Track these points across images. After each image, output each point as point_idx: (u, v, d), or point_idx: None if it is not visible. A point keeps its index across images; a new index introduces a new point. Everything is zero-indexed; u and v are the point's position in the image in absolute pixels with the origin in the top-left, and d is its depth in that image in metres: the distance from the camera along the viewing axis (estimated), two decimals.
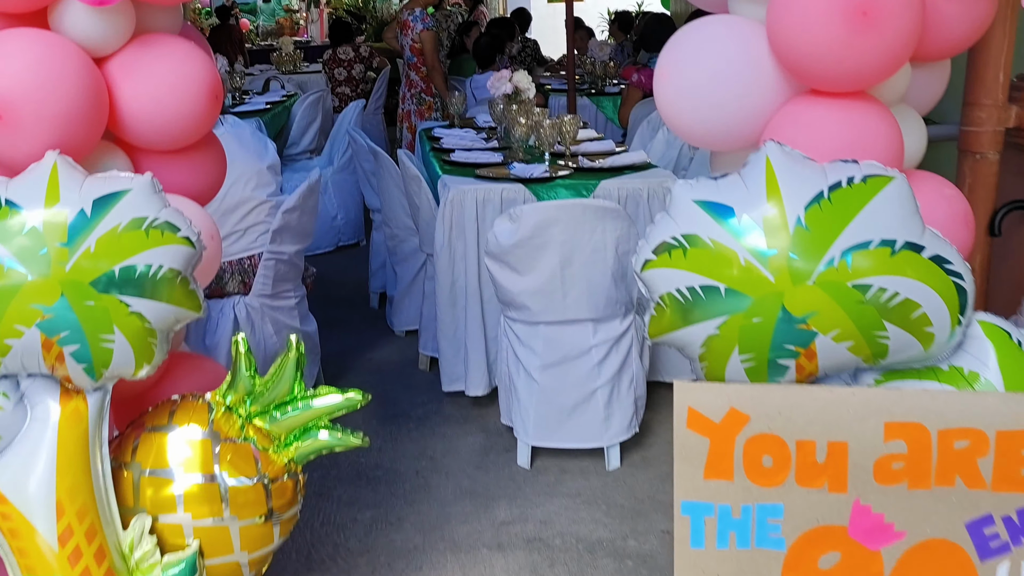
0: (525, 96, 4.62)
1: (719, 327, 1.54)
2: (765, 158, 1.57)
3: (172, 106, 1.85)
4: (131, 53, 1.84)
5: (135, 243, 1.62)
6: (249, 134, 3.63)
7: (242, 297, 3.54)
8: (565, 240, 3.08)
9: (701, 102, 1.80)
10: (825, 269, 1.50)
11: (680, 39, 1.86)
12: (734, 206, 1.54)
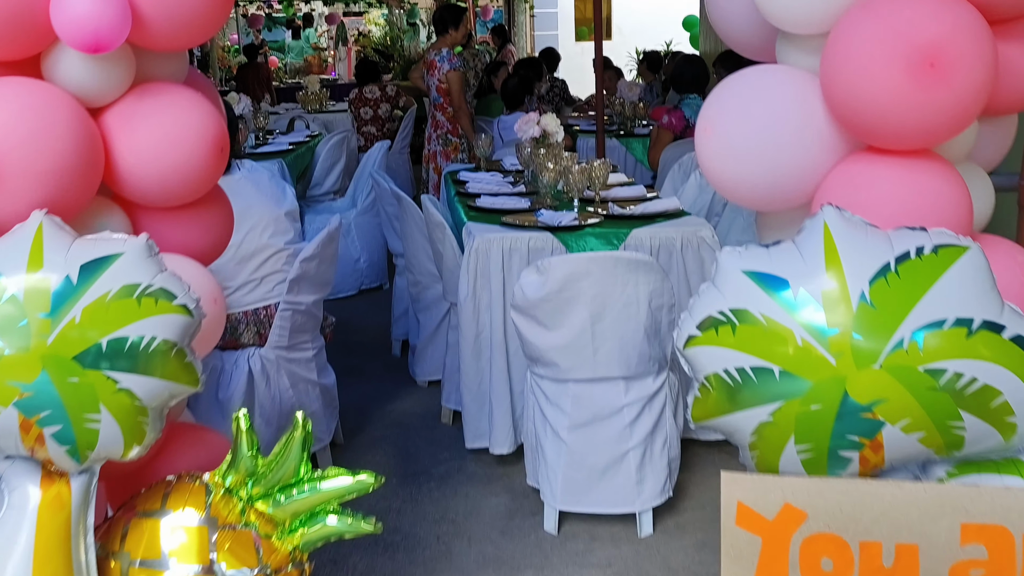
0: (553, 139, 4.49)
1: (773, 414, 1.37)
2: (823, 224, 1.40)
3: (173, 160, 1.71)
4: (129, 103, 1.71)
5: (125, 313, 1.48)
6: (267, 179, 3.51)
7: (257, 349, 3.40)
8: (596, 294, 2.92)
9: (748, 159, 1.64)
10: (893, 351, 1.33)
11: (724, 90, 1.70)
12: (789, 278, 1.38)
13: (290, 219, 3.50)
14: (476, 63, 10.02)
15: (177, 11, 1.65)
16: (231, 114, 3.54)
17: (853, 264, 1.36)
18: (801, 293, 1.36)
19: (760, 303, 1.37)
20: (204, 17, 1.69)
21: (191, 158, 1.73)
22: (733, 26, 1.82)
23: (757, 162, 1.62)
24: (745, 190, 1.69)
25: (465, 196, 4.26)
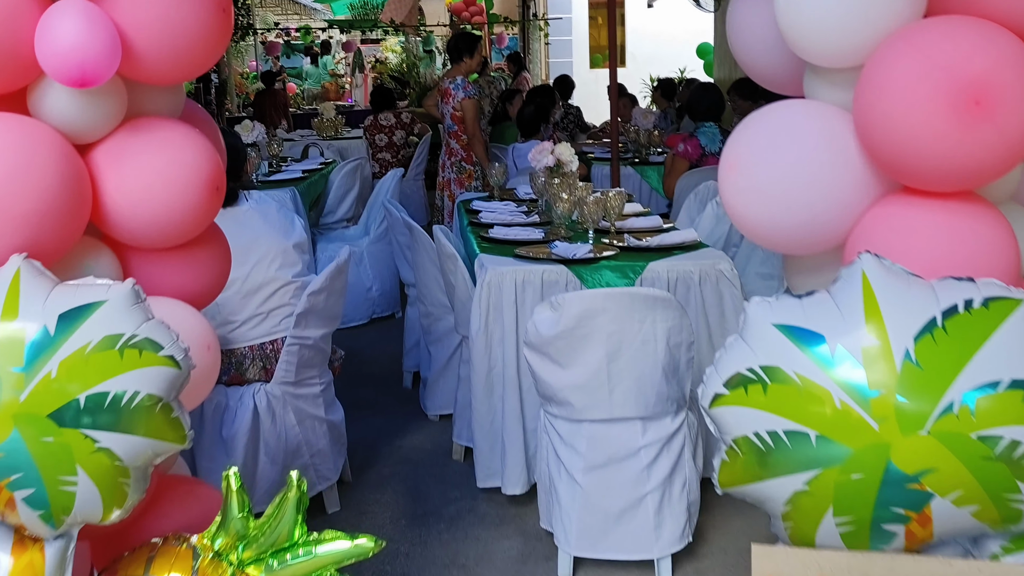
0: (567, 169, 4.37)
1: (809, 482, 1.23)
2: (861, 274, 1.27)
3: (165, 200, 1.60)
4: (119, 140, 1.60)
5: (107, 366, 1.36)
6: (275, 211, 3.40)
7: (263, 385, 3.28)
8: (612, 331, 2.79)
9: (775, 200, 1.51)
10: (943, 416, 1.19)
11: (750, 126, 1.58)
12: (825, 333, 1.25)
13: (298, 251, 3.39)
14: (491, 90, 9.95)
15: (171, 43, 1.55)
16: (239, 144, 3.44)
17: (896, 318, 1.23)
18: (839, 350, 1.23)
19: (794, 360, 1.24)
20: (199, 49, 1.59)
21: (184, 198, 1.61)
22: (757, 58, 1.70)
23: (785, 203, 1.50)
24: (772, 232, 1.56)
25: (478, 226, 4.15)
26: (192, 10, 1.55)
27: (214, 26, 1.58)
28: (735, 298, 3.33)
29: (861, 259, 1.28)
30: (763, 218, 1.53)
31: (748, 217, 1.55)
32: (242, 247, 3.28)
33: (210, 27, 1.57)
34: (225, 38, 1.62)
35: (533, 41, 15.58)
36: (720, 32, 9.84)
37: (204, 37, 1.57)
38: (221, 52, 1.63)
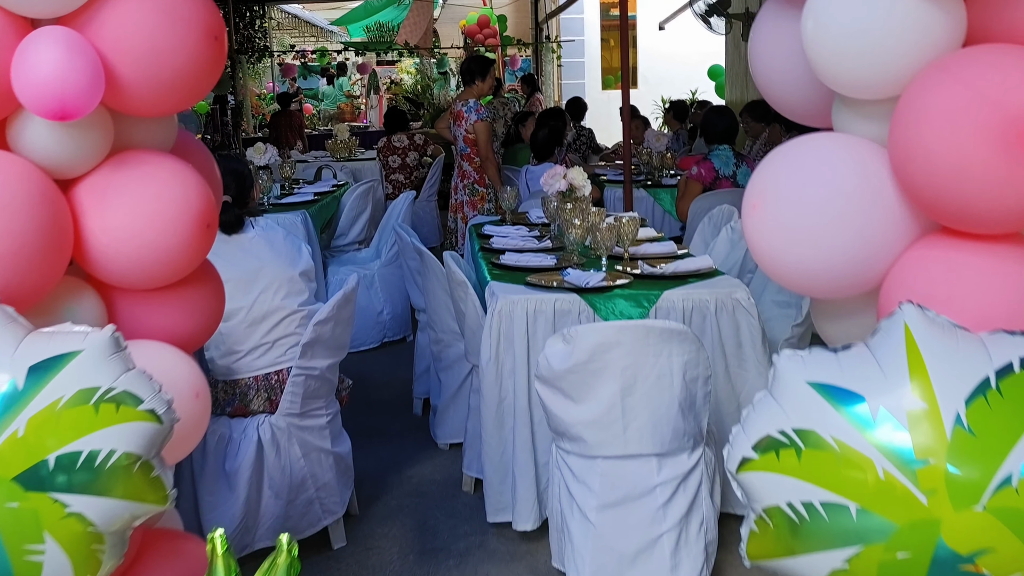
0: (580, 193, 4.24)
1: (849, 560, 1.09)
2: (903, 327, 1.13)
3: (152, 238, 1.48)
4: (104, 175, 1.48)
5: (80, 422, 1.23)
6: (281, 238, 3.28)
7: (267, 416, 3.15)
8: (626, 365, 2.65)
9: (803, 241, 1.38)
10: (1000, 489, 1.05)
11: (775, 161, 1.44)
12: (865, 393, 1.11)
13: (305, 279, 3.27)
14: (506, 111, 9.85)
15: (159, 73, 1.43)
16: (245, 170, 3.33)
17: (944, 378, 1.09)
18: (881, 413, 1.09)
19: (830, 423, 1.11)
20: (190, 79, 1.47)
21: (173, 236, 1.49)
22: (780, 88, 1.57)
23: (815, 244, 1.36)
24: (800, 275, 1.42)
25: (489, 252, 4.02)
26: (182, 38, 1.43)
27: (206, 55, 1.46)
28: (752, 328, 3.19)
29: (902, 310, 1.14)
30: (790, 260, 1.39)
31: (774, 259, 1.41)
32: (247, 275, 3.17)
33: (201, 56, 1.45)
34: (218, 68, 1.50)
35: (546, 63, 15.50)
36: (732, 54, 9.73)
37: (195, 67, 1.46)
38: (214, 82, 1.51)
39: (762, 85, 1.58)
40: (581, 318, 3.20)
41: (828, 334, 1.55)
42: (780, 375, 1.16)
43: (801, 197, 1.36)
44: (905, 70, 1.30)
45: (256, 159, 6.05)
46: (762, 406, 1.17)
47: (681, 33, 14.81)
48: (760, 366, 3.21)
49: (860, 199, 1.34)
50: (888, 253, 1.34)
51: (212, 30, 1.46)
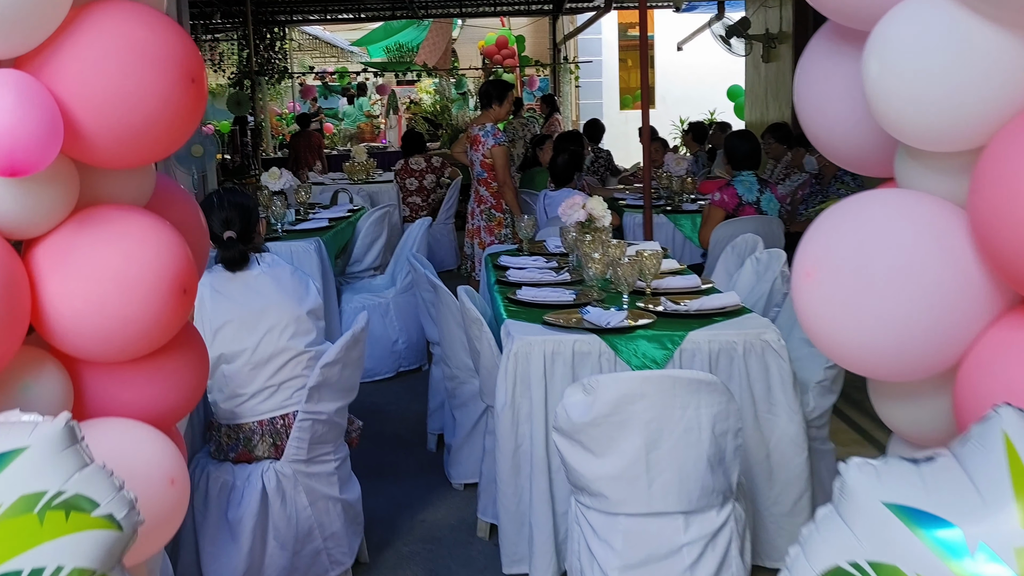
0: (600, 224, 4.04)
1: None
2: (1002, 438, 0.92)
3: (120, 307, 1.28)
4: (66, 235, 1.28)
5: (21, 535, 1.03)
6: (288, 275, 3.08)
7: (272, 463, 2.95)
8: (651, 418, 2.43)
9: (865, 316, 1.16)
10: None
11: (831, 222, 1.23)
12: (957, 521, 0.89)
13: (313, 318, 3.07)
14: (526, 132, 9.68)
15: (128, 121, 1.24)
16: (251, 203, 3.14)
17: None
18: (980, 548, 0.87)
19: (915, 557, 0.89)
20: (163, 126, 1.27)
21: (144, 303, 1.29)
22: (832, 133, 1.36)
23: (880, 320, 1.15)
24: (861, 354, 1.20)
25: (505, 285, 3.81)
26: (154, 82, 1.24)
27: (182, 100, 1.27)
28: (783, 371, 2.97)
29: (1000, 415, 0.93)
30: (850, 338, 1.18)
31: (831, 335, 1.20)
32: (252, 315, 2.98)
33: (177, 101, 1.26)
34: (196, 113, 1.30)
35: (564, 83, 15.34)
36: (751, 75, 9.53)
37: (169, 113, 1.26)
38: (192, 128, 1.32)
39: (809, 129, 1.37)
40: (601, 360, 2.99)
41: (891, 419, 1.33)
42: (849, 490, 0.95)
43: (864, 265, 1.15)
44: (990, 119, 1.09)
45: (271, 184, 5.88)
46: (828, 527, 0.95)
47: (699, 53, 14.62)
48: (791, 412, 2.98)
49: (934, 268, 1.12)
50: (967, 332, 1.13)
51: (189, 71, 1.26)
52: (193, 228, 1.47)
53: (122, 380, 1.37)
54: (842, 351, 1.21)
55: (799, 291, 1.22)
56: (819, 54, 1.33)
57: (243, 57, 13.59)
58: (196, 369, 1.47)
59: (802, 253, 1.22)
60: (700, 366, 2.97)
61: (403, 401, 5.00)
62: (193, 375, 1.46)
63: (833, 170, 5.67)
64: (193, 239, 1.46)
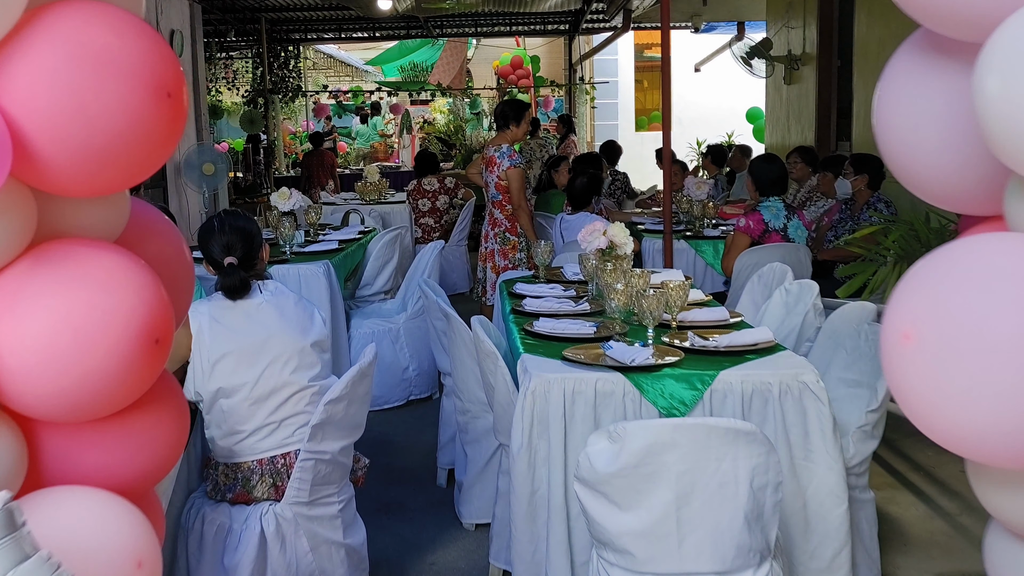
0: (621, 251, 3.83)
1: None
2: None
3: (79, 361, 1.08)
4: (17, 276, 1.08)
5: None
6: (292, 304, 2.88)
7: (272, 504, 2.75)
8: (683, 470, 2.21)
9: (983, 390, 0.95)
10: None
11: (936, 273, 1.01)
12: None
13: (317, 350, 2.87)
14: (543, 153, 9.49)
15: (89, 140, 1.04)
16: (254, 228, 2.95)
17: None
18: None
19: None
20: (133, 147, 1.07)
21: (107, 358, 1.09)
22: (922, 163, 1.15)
23: (999, 395, 0.93)
24: (974, 435, 0.99)
25: (521, 315, 3.60)
26: (121, 95, 1.04)
27: (154, 116, 1.07)
28: (822, 415, 2.74)
29: None
30: (961, 415, 0.97)
31: (935, 412, 0.99)
32: (253, 347, 2.77)
33: (148, 118, 1.06)
34: (173, 131, 1.11)
35: (579, 104, 15.18)
36: (772, 97, 9.33)
37: (139, 131, 1.06)
38: (169, 149, 1.12)
39: (892, 156, 1.17)
40: (626, 400, 2.77)
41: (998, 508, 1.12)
42: None
43: (980, 326, 0.94)
44: None
45: (280, 204, 5.70)
46: None
47: (715, 75, 14.45)
48: (830, 459, 2.75)
49: None
50: None
51: (163, 84, 1.06)
52: (175, 265, 1.26)
53: (85, 443, 1.16)
54: (950, 430, 0.99)
55: (894, 356, 1.01)
56: (907, 69, 1.13)
57: (257, 75, 13.48)
58: (173, 427, 1.26)
59: (898, 310, 1.01)
60: (732, 409, 2.75)
61: (413, 432, 4.79)
62: (170, 434, 1.25)
63: (866, 196, 5.45)
64: (174, 277, 1.25)
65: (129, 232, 1.22)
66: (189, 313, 2.75)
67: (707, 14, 11.05)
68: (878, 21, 6.81)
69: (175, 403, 1.26)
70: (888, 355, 1.02)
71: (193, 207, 9.37)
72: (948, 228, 4.63)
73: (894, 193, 5.69)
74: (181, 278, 1.27)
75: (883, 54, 6.74)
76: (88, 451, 1.16)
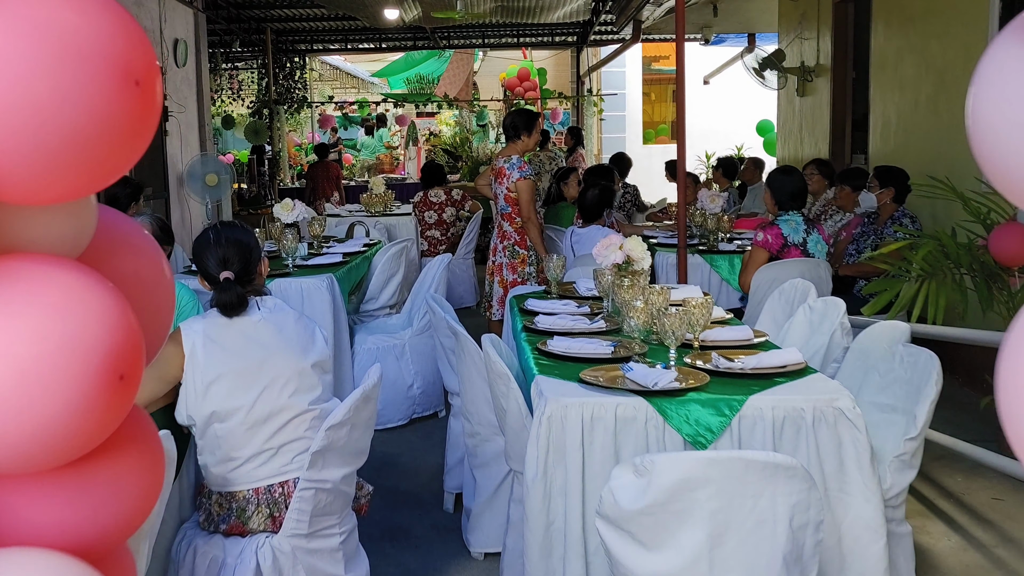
0: (638, 266, 3.64)
1: None
2: None
3: (25, 400, 0.89)
4: None
5: None
6: (292, 322, 2.70)
7: (269, 536, 2.56)
8: (717, 508, 2.02)
9: None
10: None
11: None
12: None
13: (318, 371, 2.69)
14: (552, 166, 9.32)
15: (40, 136, 0.86)
16: (251, 240, 2.76)
17: None
18: None
19: None
20: (95, 145, 0.89)
21: (61, 397, 0.90)
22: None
23: None
24: None
25: (533, 333, 3.42)
26: (79, 83, 0.86)
27: (119, 109, 0.89)
28: (858, 444, 2.55)
29: None
30: None
31: None
32: (250, 367, 2.59)
33: (111, 111, 0.88)
34: (144, 126, 0.93)
35: (587, 116, 15.02)
36: (784, 109, 9.15)
37: (102, 126, 0.88)
38: (139, 146, 0.94)
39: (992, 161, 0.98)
40: (648, 427, 2.58)
41: None
42: None
43: None
44: None
45: (283, 216, 5.53)
46: None
47: (724, 87, 14.29)
48: (867, 491, 2.56)
49: None
50: None
51: (131, 71, 0.88)
52: (151, 286, 1.08)
53: (37, 496, 0.98)
54: None
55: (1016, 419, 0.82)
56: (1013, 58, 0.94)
57: (262, 86, 13.35)
58: (145, 475, 1.07)
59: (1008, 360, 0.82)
60: (762, 437, 2.56)
61: (418, 452, 4.59)
62: (141, 483, 1.06)
63: (891, 210, 5.27)
64: (150, 300, 1.07)
65: (96, 247, 1.04)
66: (182, 331, 2.57)
67: (717, 25, 10.89)
68: (896, 31, 6.64)
69: (147, 446, 1.08)
70: (1014, 418, 0.82)
71: (196, 218, 9.21)
72: (975, 243, 4.44)
73: (916, 207, 5.51)
74: (158, 302, 1.09)
75: (902, 65, 6.55)
76: (41, 506, 0.98)
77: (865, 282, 5.19)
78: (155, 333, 1.10)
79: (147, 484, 1.07)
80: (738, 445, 2.56)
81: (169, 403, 2.60)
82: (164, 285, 1.11)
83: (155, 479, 1.09)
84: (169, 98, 8.58)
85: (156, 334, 1.10)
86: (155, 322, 1.09)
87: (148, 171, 8.10)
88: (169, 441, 2.17)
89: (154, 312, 1.08)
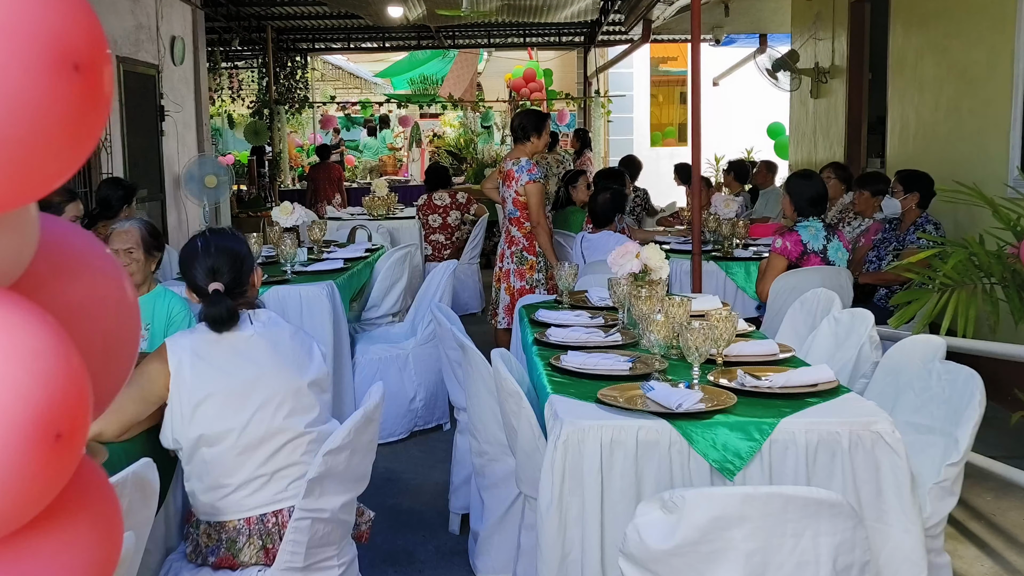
0: (656, 276, 3.46)
1: None
2: None
3: None
4: None
5: None
6: (287, 337, 2.52)
7: (261, 570, 2.38)
8: (754, 549, 1.84)
9: None
10: None
11: None
12: None
13: (316, 391, 2.51)
14: (560, 169, 9.13)
15: None
16: (243, 249, 2.58)
17: None
18: None
19: None
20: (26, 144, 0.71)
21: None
22: None
23: None
24: None
25: (546, 347, 3.23)
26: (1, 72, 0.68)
27: (54, 99, 0.71)
28: (897, 470, 2.36)
29: None
30: None
31: None
32: (241, 387, 2.40)
33: (46, 101, 0.70)
34: (86, 118, 0.75)
35: (595, 118, 14.84)
36: (797, 111, 8.97)
37: (34, 119, 0.70)
38: (82, 143, 0.76)
39: None
40: (672, 452, 2.40)
41: None
42: None
43: None
44: None
45: (282, 220, 5.34)
46: None
47: (733, 89, 14.12)
48: (907, 520, 2.37)
49: None
50: None
51: (68, 53, 0.70)
52: (106, 315, 0.90)
53: None
54: None
55: None
56: None
57: (263, 86, 13.18)
58: (95, 544, 0.89)
59: None
60: (794, 463, 2.38)
61: (421, 468, 4.41)
62: (91, 555, 0.88)
63: (915, 216, 5.08)
64: (105, 335, 0.89)
65: (34, 272, 0.86)
66: (167, 346, 2.39)
67: (728, 26, 10.71)
68: (915, 31, 6.45)
69: (99, 510, 0.90)
70: None
71: (193, 221, 9.04)
72: (1005, 251, 4.25)
73: (937, 214, 5.32)
74: (118, 334, 0.91)
75: (920, 65, 6.36)
76: None
77: (887, 291, 5.01)
78: (112, 373, 0.91)
79: (99, 554, 0.89)
80: (768, 471, 2.37)
81: (153, 425, 2.42)
82: (125, 314, 0.93)
83: (109, 547, 0.91)
84: (165, 97, 8.41)
85: (114, 374, 0.92)
86: (113, 360, 0.91)
87: (143, 172, 7.93)
88: (151, 470, 2.00)
89: (112, 348, 0.90)
